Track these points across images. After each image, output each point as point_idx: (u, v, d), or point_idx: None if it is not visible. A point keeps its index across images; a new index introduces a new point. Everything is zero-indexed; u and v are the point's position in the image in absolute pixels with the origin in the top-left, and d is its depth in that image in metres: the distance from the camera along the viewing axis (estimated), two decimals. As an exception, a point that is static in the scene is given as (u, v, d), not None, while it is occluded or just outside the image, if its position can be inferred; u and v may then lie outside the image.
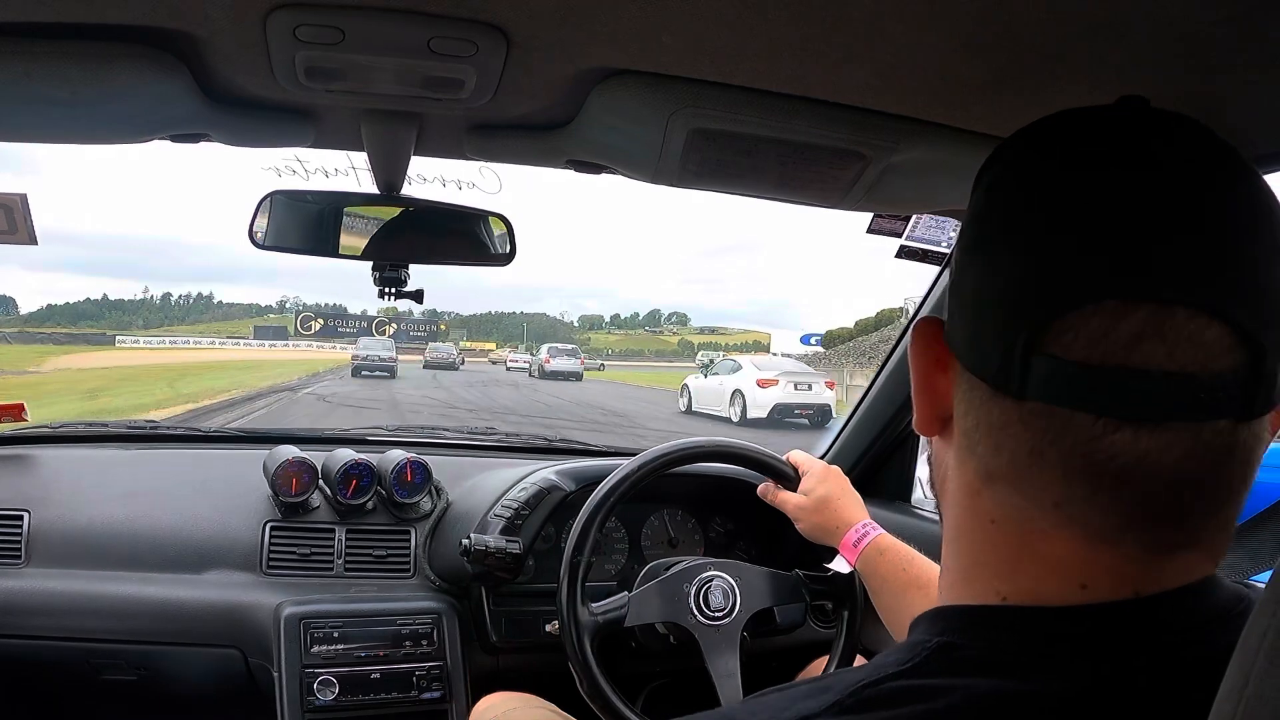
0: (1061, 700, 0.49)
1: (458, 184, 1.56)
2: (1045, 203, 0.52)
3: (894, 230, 1.72)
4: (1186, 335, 0.47)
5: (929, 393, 0.59)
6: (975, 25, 0.75)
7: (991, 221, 0.55)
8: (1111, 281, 0.48)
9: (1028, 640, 0.52)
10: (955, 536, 0.59)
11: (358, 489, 1.90)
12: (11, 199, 1.84)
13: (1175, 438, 0.48)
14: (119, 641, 1.72)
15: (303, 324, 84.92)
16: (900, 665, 0.53)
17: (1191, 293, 0.48)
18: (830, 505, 1.43)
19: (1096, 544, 0.51)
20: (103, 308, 77.06)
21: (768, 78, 0.91)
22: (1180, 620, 0.51)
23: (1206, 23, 0.71)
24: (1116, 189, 0.51)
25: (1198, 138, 0.53)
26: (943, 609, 0.57)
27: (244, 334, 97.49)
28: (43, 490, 1.85)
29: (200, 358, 49.65)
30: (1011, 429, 0.52)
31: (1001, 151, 0.59)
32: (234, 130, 1.10)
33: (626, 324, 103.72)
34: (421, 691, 1.72)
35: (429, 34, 0.83)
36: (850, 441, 2.16)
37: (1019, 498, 0.53)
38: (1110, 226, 0.49)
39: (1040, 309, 0.50)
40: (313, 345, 78.27)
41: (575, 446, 2.39)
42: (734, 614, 1.45)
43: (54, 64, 0.90)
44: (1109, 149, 0.53)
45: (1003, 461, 0.53)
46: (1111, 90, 0.83)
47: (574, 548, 1.44)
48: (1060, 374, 0.49)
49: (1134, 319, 0.48)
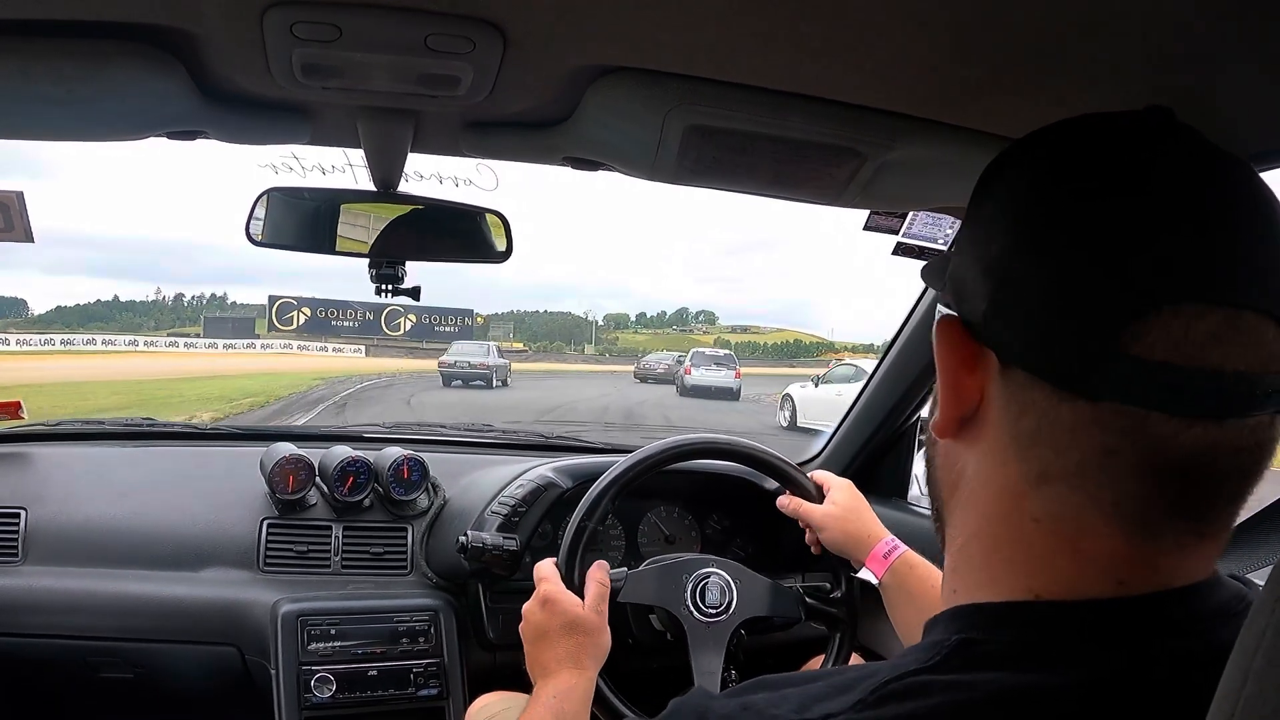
0: (1086, 691, 0.50)
1: (455, 181, 1.56)
2: (1117, 207, 0.52)
3: (890, 227, 1.72)
4: (1255, 337, 0.50)
5: (956, 393, 0.59)
6: (970, 23, 0.75)
7: (1054, 224, 0.54)
8: (1190, 285, 0.50)
9: (1055, 634, 0.53)
10: (977, 537, 0.59)
11: (355, 486, 1.91)
12: (8, 196, 1.84)
13: (1233, 433, 0.51)
14: (116, 639, 1.72)
15: (280, 316, 60.12)
16: (921, 663, 0.53)
17: (1257, 298, 0.50)
18: (861, 516, 1.45)
19: (1140, 540, 0.52)
20: (113, 309, 72.45)
21: (763, 75, 0.92)
22: (1192, 614, 0.53)
23: (1201, 20, 0.71)
24: (1189, 196, 0.52)
25: (1225, 151, 0.55)
26: (961, 608, 0.57)
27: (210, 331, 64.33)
28: (40, 488, 1.85)
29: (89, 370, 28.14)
30: (1085, 430, 0.52)
31: (1039, 147, 0.59)
32: (230, 127, 1.10)
33: (653, 323, 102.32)
34: (419, 689, 1.72)
35: (426, 31, 0.83)
36: (846, 439, 2.17)
37: (1078, 497, 0.53)
38: (1188, 230, 0.51)
39: (1121, 311, 0.50)
40: (291, 345, 56.24)
41: (572, 443, 2.39)
42: (727, 614, 1.45)
43: (50, 61, 0.89)
44: (1175, 159, 0.54)
45: (1069, 462, 0.53)
46: (1106, 89, 0.83)
47: (584, 513, 1.44)
48: (1141, 375, 0.50)
49: (1210, 321, 0.50)
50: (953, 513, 0.62)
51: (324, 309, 60.53)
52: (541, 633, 1.27)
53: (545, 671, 1.23)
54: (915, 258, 1.77)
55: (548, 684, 1.21)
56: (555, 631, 1.26)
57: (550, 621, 1.27)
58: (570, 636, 1.26)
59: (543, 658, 1.25)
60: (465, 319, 63.98)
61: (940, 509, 0.65)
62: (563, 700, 1.18)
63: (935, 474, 0.65)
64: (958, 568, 0.61)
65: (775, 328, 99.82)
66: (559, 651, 1.24)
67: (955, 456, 0.61)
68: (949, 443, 0.61)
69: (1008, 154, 0.61)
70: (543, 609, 1.29)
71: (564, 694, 1.19)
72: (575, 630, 1.27)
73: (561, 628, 1.26)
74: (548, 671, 1.23)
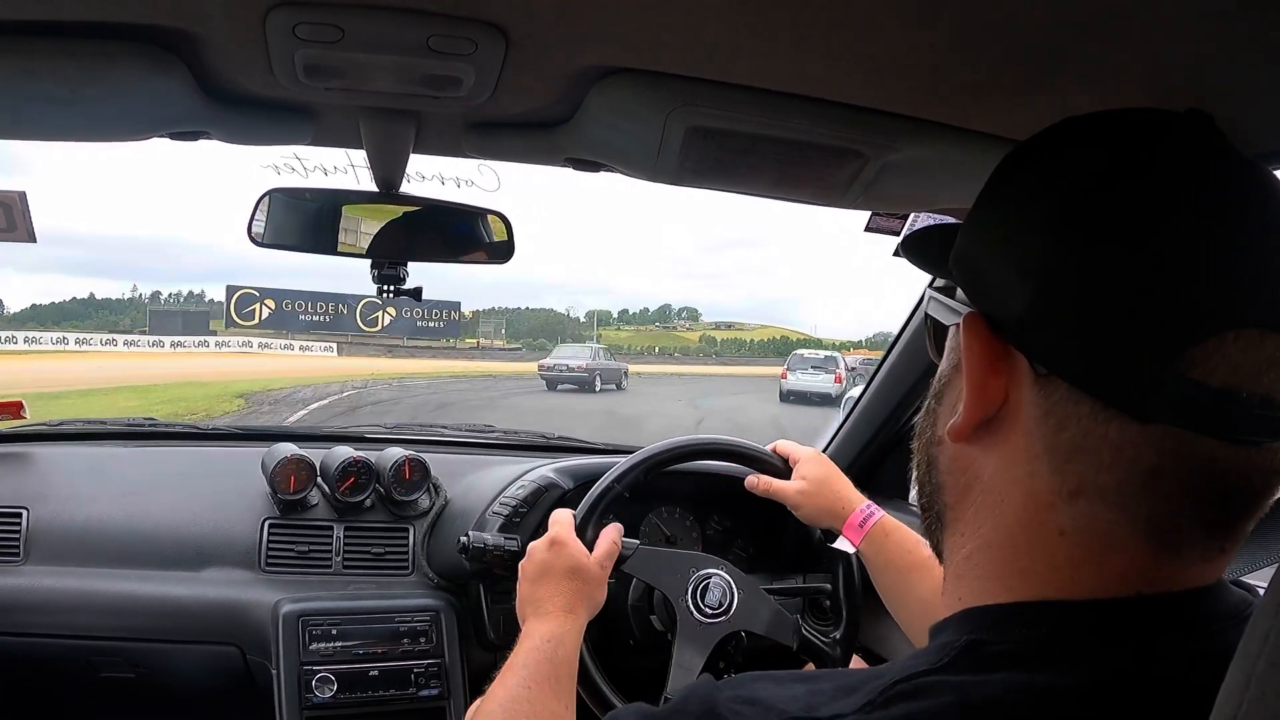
0: (1095, 691, 0.50)
1: (457, 181, 1.56)
2: (1187, 216, 0.50)
3: (892, 228, 1.72)
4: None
5: (981, 395, 0.57)
6: (972, 24, 0.75)
7: (1112, 233, 0.51)
8: (1254, 309, 0.49)
9: (1062, 632, 0.52)
10: (991, 545, 0.57)
11: (356, 486, 1.91)
12: (10, 196, 1.84)
13: (1270, 455, 0.50)
14: (117, 639, 1.72)
15: (240, 309, 49.44)
16: (930, 664, 0.53)
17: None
18: (830, 486, 1.45)
19: (1168, 556, 0.52)
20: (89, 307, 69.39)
21: (765, 76, 0.92)
22: (1203, 616, 0.53)
23: (1205, 19, 0.71)
24: (1252, 212, 0.51)
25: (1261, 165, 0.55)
26: (971, 610, 0.57)
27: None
28: (41, 488, 1.85)
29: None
30: (1133, 449, 0.51)
31: (1080, 143, 0.57)
32: (233, 128, 1.10)
33: (636, 319, 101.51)
34: (420, 689, 1.72)
35: (428, 32, 0.84)
36: (849, 439, 2.17)
37: (1112, 514, 0.52)
38: (1255, 252, 0.50)
39: (1184, 333, 0.49)
40: (251, 343, 48.07)
41: (573, 444, 2.39)
42: (724, 618, 1.44)
43: (54, 62, 0.90)
44: (1237, 172, 0.53)
45: (1109, 480, 0.51)
46: (1110, 89, 0.83)
47: (616, 476, 1.48)
48: (1199, 400, 0.49)
49: (1269, 346, 0.49)
50: (959, 518, 0.60)
51: (290, 301, 51.46)
52: (544, 571, 1.28)
53: (539, 611, 1.24)
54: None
55: (541, 624, 1.22)
56: (558, 572, 1.28)
57: (555, 562, 1.29)
58: (571, 580, 1.27)
59: (539, 594, 1.26)
60: (451, 312, 56.48)
61: (941, 513, 0.62)
62: (556, 645, 1.19)
63: (938, 477, 0.63)
64: (963, 575, 0.59)
65: (759, 324, 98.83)
66: (557, 593, 1.26)
67: (968, 460, 0.59)
68: (961, 446, 0.59)
69: (1035, 145, 0.59)
70: (549, 549, 1.30)
71: (557, 639, 1.20)
72: (577, 576, 1.28)
73: (564, 570, 1.28)
74: (542, 611, 1.24)
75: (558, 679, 1.16)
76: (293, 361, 41.85)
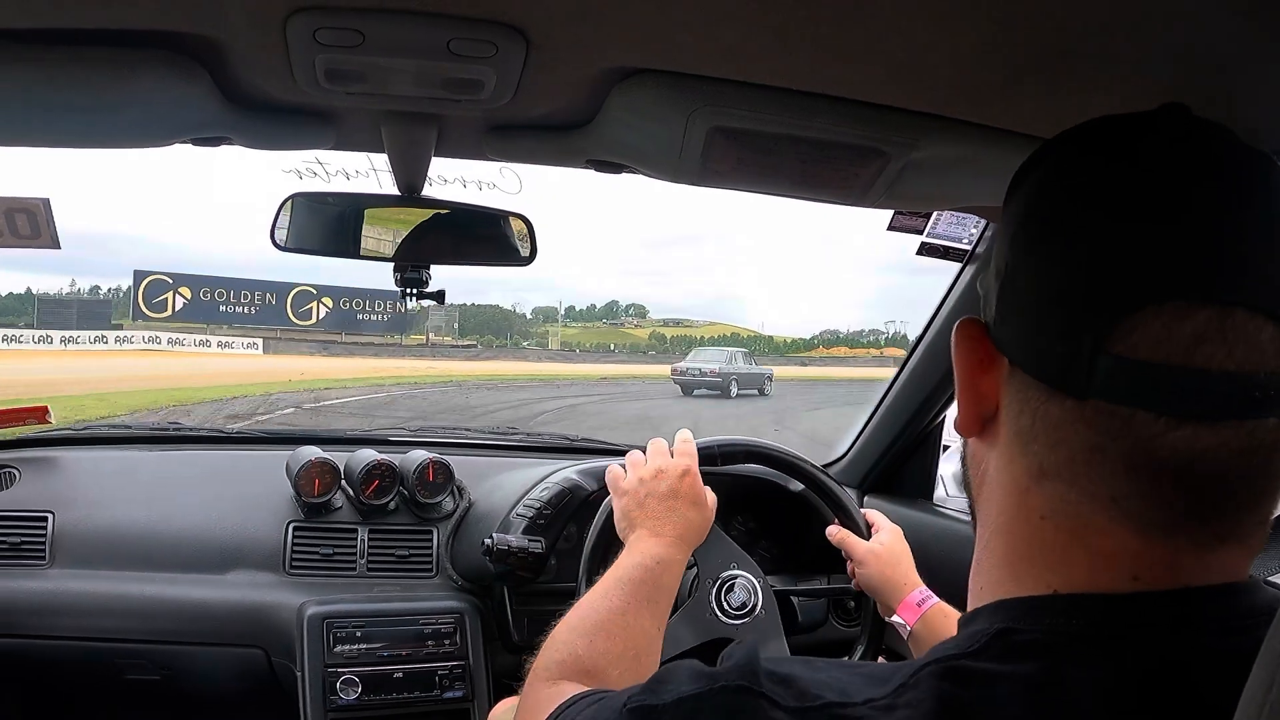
0: (1114, 685, 0.50)
1: (478, 185, 1.57)
2: (1106, 205, 0.53)
3: (914, 227, 1.71)
4: (1245, 336, 0.49)
5: (973, 393, 0.61)
6: (991, 22, 0.75)
7: (1048, 224, 0.56)
8: (1175, 283, 0.50)
9: (1089, 626, 0.53)
10: (998, 533, 0.60)
11: (380, 489, 1.91)
12: (34, 204, 1.85)
13: (1231, 435, 0.50)
14: (142, 642, 1.74)
15: (150, 299, 40.73)
16: (961, 649, 0.54)
17: (1250, 295, 0.49)
18: (901, 561, 1.46)
19: (1149, 537, 0.52)
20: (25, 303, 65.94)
21: (786, 75, 0.91)
22: (1226, 613, 0.52)
23: (1226, 17, 0.70)
24: (1179, 193, 0.52)
25: (1240, 145, 0.55)
26: (1002, 601, 0.58)
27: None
28: (67, 492, 1.87)
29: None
30: (1072, 427, 0.53)
31: (1049, 152, 0.60)
32: (255, 133, 1.11)
33: (583, 316, 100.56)
34: (444, 691, 1.72)
35: (448, 35, 0.84)
36: (872, 440, 2.16)
37: (1074, 493, 0.54)
38: (1173, 228, 0.51)
39: (1105, 310, 0.51)
40: (160, 339, 38.88)
41: (597, 446, 2.39)
42: (732, 621, 1.44)
43: (76, 70, 0.90)
44: (1170, 155, 0.54)
45: (1059, 458, 0.54)
46: (1127, 87, 0.82)
47: (720, 442, 1.49)
48: (1125, 373, 0.50)
49: (1196, 320, 0.49)
50: (979, 509, 0.64)
51: (209, 289, 43.07)
52: (672, 493, 1.25)
53: (656, 530, 1.20)
54: (939, 257, 1.76)
55: (652, 544, 1.17)
56: (684, 499, 1.25)
57: (681, 489, 1.26)
58: (692, 510, 1.25)
59: (657, 512, 1.23)
60: (396, 304, 43.39)
61: (972, 505, 0.66)
62: (663, 570, 1.14)
63: (966, 471, 0.67)
64: (981, 562, 0.62)
65: (708, 321, 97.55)
66: (678, 520, 1.22)
67: (980, 455, 0.63)
68: (975, 441, 0.63)
69: (1031, 157, 0.62)
70: (682, 479, 1.27)
71: (666, 564, 1.15)
72: (697, 511, 1.26)
73: (690, 500, 1.25)
74: (659, 531, 1.20)
75: (656, 602, 1.10)
76: (208, 361, 33.98)
